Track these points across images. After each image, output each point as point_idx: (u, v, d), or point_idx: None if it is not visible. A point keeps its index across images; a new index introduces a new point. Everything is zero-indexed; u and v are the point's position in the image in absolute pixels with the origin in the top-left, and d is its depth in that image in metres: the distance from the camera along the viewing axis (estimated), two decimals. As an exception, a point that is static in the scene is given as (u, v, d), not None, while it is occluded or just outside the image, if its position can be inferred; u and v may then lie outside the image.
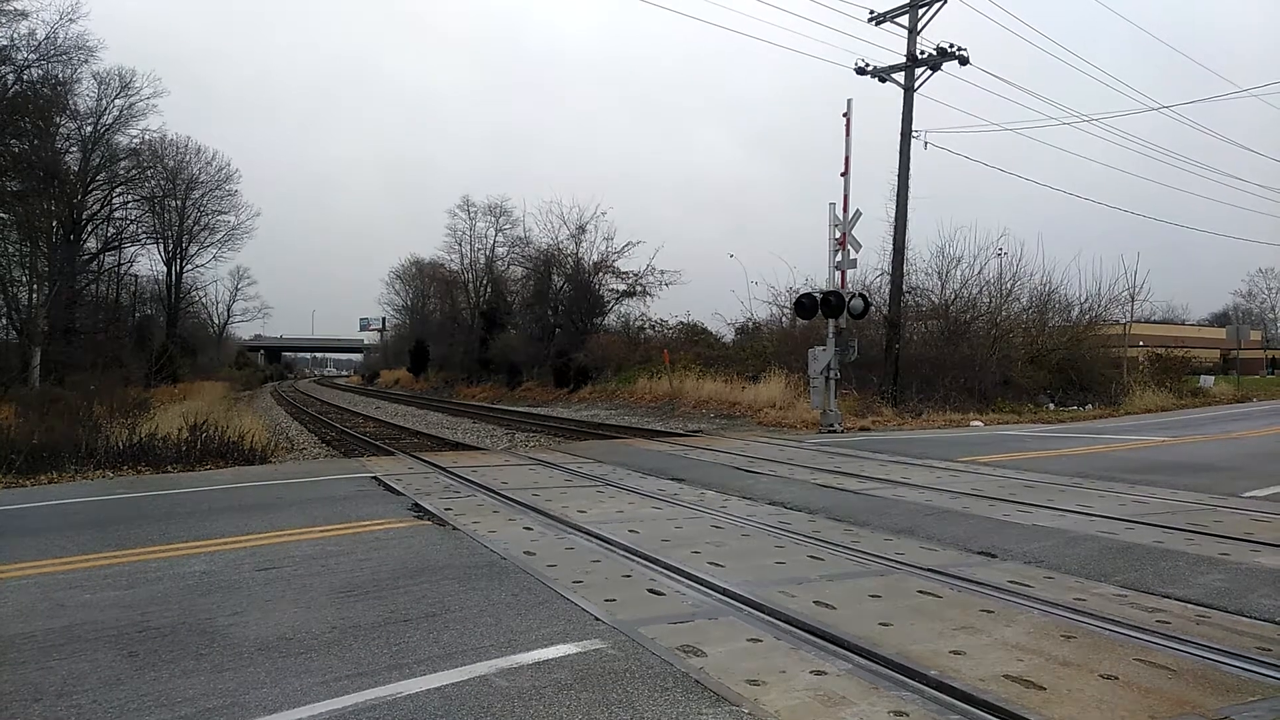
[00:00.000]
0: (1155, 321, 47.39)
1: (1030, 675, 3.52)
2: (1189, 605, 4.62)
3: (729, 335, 35.21)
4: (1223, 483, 9.40)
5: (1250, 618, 4.39)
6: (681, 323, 37.63)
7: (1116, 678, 3.51)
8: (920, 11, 21.36)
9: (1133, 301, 30.65)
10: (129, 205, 42.11)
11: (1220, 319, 74.49)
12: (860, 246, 17.76)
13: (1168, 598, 4.77)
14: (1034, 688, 3.40)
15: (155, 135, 42.57)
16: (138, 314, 47.30)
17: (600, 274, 41.14)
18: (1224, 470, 10.78)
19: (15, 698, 3.40)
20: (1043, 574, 5.32)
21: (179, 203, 49.67)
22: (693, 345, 33.66)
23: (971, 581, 5.10)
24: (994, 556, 5.85)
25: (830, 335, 17.29)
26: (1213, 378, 37.22)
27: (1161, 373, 30.92)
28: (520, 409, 31.11)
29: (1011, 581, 5.09)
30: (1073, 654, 3.80)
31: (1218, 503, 8.08)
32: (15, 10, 28.00)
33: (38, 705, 3.33)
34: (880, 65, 21.82)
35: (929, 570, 5.39)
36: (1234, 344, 40.49)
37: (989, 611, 4.47)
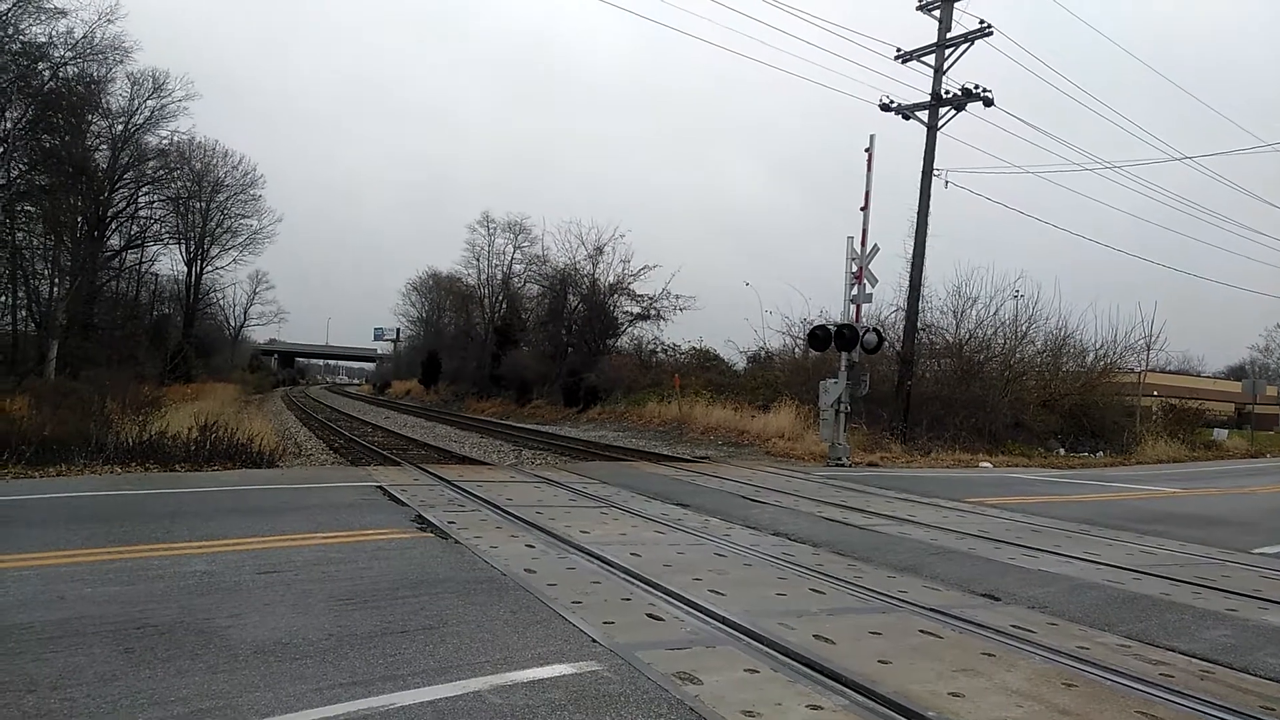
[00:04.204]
0: (1170, 371, 47.06)
1: (1029, 722, 3.48)
2: (1194, 660, 4.56)
3: (741, 363, 35.24)
4: (1233, 538, 9.30)
5: (1255, 675, 4.33)
6: (694, 348, 37.70)
7: (1117, 729, 3.46)
8: (947, 52, 21.47)
9: (1148, 350, 30.45)
10: (154, 204, 42.69)
11: (1236, 372, 73.76)
12: (876, 281, 17.76)
13: (1172, 650, 4.71)
14: (1032, 735, 3.35)
15: (184, 137, 43.17)
16: (156, 312, 47.85)
17: (615, 296, 41.26)
18: (1234, 525, 10.66)
19: (9, 688, 3.41)
20: (1046, 620, 5.26)
21: (203, 204, 50.34)
22: (704, 371, 33.66)
23: (973, 623, 5.05)
24: (997, 599, 5.79)
25: (842, 368, 17.23)
26: (1226, 431, 36.88)
27: (1175, 423, 30.68)
28: (529, 426, 31.09)
29: (1014, 625, 5.04)
30: (1073, 703, 3.75)
31: (1227, 558, 7.99)
32: (54, 9, 28.55)
33: (31, 696, 3.34)
34: (905, 103, 21.91)
35: (931, 610, 5.34)
36: (1249, 398, 40.16)
37: (990, 655, 4.42)
